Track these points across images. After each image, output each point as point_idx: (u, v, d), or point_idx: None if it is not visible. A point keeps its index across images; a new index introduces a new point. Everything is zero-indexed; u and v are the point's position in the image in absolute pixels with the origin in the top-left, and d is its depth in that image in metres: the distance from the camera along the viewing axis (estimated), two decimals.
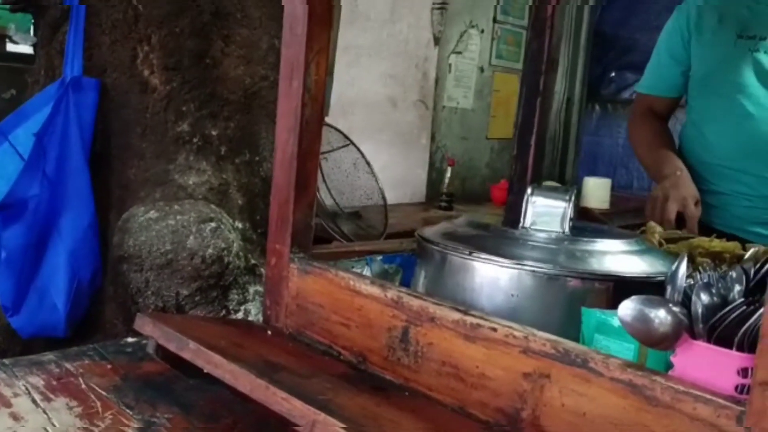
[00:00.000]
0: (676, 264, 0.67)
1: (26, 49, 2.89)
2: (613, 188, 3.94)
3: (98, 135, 1.36)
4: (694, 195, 1.51)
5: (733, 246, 1.21)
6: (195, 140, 1.36)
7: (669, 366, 0.67)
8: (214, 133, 1.37)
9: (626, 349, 0.76)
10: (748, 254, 0.67)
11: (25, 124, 1.33)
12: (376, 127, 3.39)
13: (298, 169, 0.99)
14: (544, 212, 0.97)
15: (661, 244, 1.30)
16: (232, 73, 1.39)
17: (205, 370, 0.79)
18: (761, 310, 0.57)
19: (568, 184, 3.76)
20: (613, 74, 4.81)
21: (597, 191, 3.81)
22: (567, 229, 0.94)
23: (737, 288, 0.63)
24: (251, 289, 1.29)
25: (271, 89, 1.40)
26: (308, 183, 1.01)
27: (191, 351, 0.81)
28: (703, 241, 1.26)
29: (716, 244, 1.23)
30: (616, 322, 0.77)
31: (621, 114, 4.72)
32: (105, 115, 1.38)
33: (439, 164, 3.75)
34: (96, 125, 1.35)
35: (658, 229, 1.40)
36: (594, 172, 4.32)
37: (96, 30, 1.38)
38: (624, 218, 3.10)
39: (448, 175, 3.48)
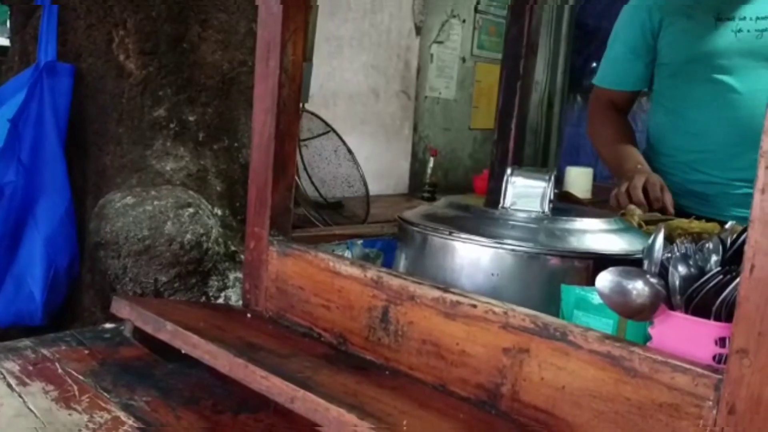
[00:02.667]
0: (653, 237, 0.67)
1: (2, 41, 2.84)
2: (595, 178, 3.95)
3: (74, 121, 1.34)
4: (659, 179, 1.50)
5: (712, 227, 1.22)
6: (172, 126, 1.34)
7: (647, 340, 0.68)
8: (191, 118, 1.35)
9: (605, 324, 0.76)
10: (726, 226, 0.68)
11: None
12: (359, 118, 3.39)
13: (276, 152, 0.98)
14: (524, 193, 0.97)
15: (640, 226, 1.31)
16: (210, 58, 1.38)
17: (183, 351, 0.78)
18: (738, 279, 0.57)
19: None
20: (595, 65, 4.82)
21: (579, 180, 3.83)
22: (547, 209, 0.94)
23: (714, 258, 0.63)
24: (231, 276, 1.28)
25: (250, 74, 1.39)
26: (287, 165, 1.00)
27: (168, 332, 0.80)
28: (683, 223, 1.27)
29: (695, 225, 1.24)
30: (595, 299, 0.77)
31: None
32: (80, 100, 1.36)
33: (421, 155, 3.74)
34: (71, 111, 1.33)
35: (638, 211, 1.41)
36: (576, 163, 4.34)
37: (70, 14, 1.35)
38: (606, 207, 3.12)
39: (431, 165, 3.48)
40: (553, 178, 0.97)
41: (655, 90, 1.69)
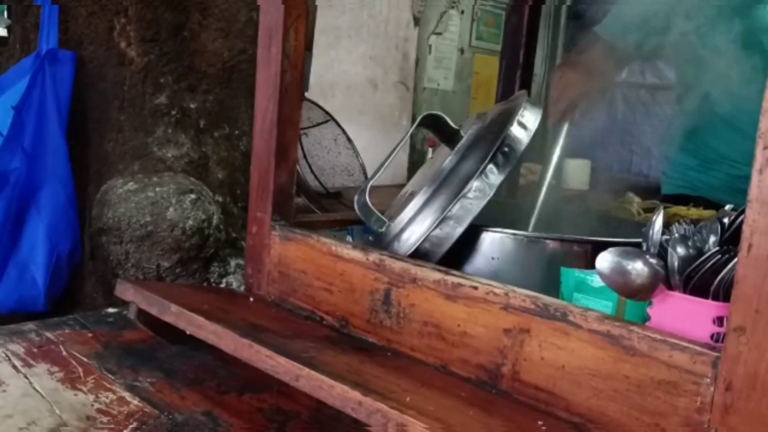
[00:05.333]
0: (653, 218, 0.68)
1: (0, 31, 2.83)
2: (592, 169, 3.96)
3: (75, 108, 1.35)
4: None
5: (709, 214, 1.24)
6: (173, 113, 1.35)
7: (646, 321, 0.69)
8: (192, 106, 1.36)
9: (604, 306, 0.77)
10: (725, 208, 0.68)
11: (0, 98, 1.31)
12: (357, 109, 3.39)
13: (278, 137, 0.99)
14: None
15: (639, 214, 1.32)
16: (210, 46, 1.38)
17: (188, 332, 0.79)
18: (736, 259, 0.58)
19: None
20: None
21: (577, 172, 3.84)
22: None
23: (712, 239, 0.64)
24: (232, 262, 1.29)
25: (250, 63, 1.39)
26: (288, 151, 1.01)
27: (173, 314, 0.81)
28: (681, 210, 1.29)
29: (693, 212, 1.26)
30: (594, 281, 0.78)
31: None
32: (82, 88, 1.36)
33: (419, 146, 3.75)
34: (73, 98, 1.34)
35: (636, 199, 1.42)
36: (574, 154, 4.33)
37: (71, 2, 1.36)
38: (602, 199, 3.13)
39: (429, 156, 3.48)
40: None
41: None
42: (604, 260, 0.64)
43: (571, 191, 2.68)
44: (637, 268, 0.64)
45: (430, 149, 3.48)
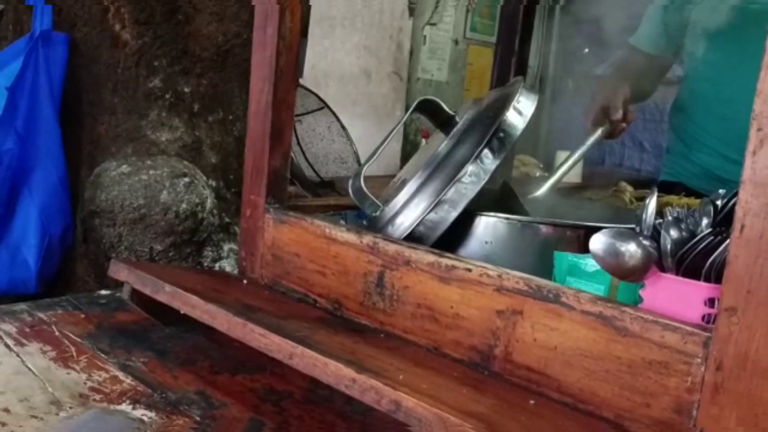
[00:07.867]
0: (646, 201, 0.68)
1: None
2: (585, 163, 3.97)
3: (68, 90, 1.34)
4: (623, 92, 1.42)
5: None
6: (167, 96, 1.34)
7: (638, 304, 0.69)
8: (186, 89, 1.35)
9: (597, 290, 0.77)
10: (719, 192, 0.69)
11: None
12: (350, 99, 3.38)
13: (273, 119, 0.99)
14: None
15: (631, 202, 1.33)
16: (205, 30, 1.38)
17: (182, 311, 0.79)
18: (728, 241, 0.58)
19: (540, 158, 3.79)
20: (587, 50, 4.82)
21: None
22: None
23: (705, 221, 0.64)
24: (225, 247, 1.29)
25: (244, 47, 1.39)
26: (283, 133, 1.01)
27: (167, 294, 0.81)
28: (673, 199, 1.30)
29: (685, 201, 1.26)
30: (587, 265, 0.79)
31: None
32: (75, 70, 1.35)
33: (413, 137, 3.74)
34: (66, 80, 1.33)
35: (629, 188, 1.43)
36: (567, 147, 4.34)
37: None
38: (595, 191, 3.14)
39: (423, 144, 3.48)
40: None
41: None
42: (598, 241, 0.65)
43: (565, 184, 2.69)
44: (630, 249, 0.64)
45: (424, 140, 3.48)
